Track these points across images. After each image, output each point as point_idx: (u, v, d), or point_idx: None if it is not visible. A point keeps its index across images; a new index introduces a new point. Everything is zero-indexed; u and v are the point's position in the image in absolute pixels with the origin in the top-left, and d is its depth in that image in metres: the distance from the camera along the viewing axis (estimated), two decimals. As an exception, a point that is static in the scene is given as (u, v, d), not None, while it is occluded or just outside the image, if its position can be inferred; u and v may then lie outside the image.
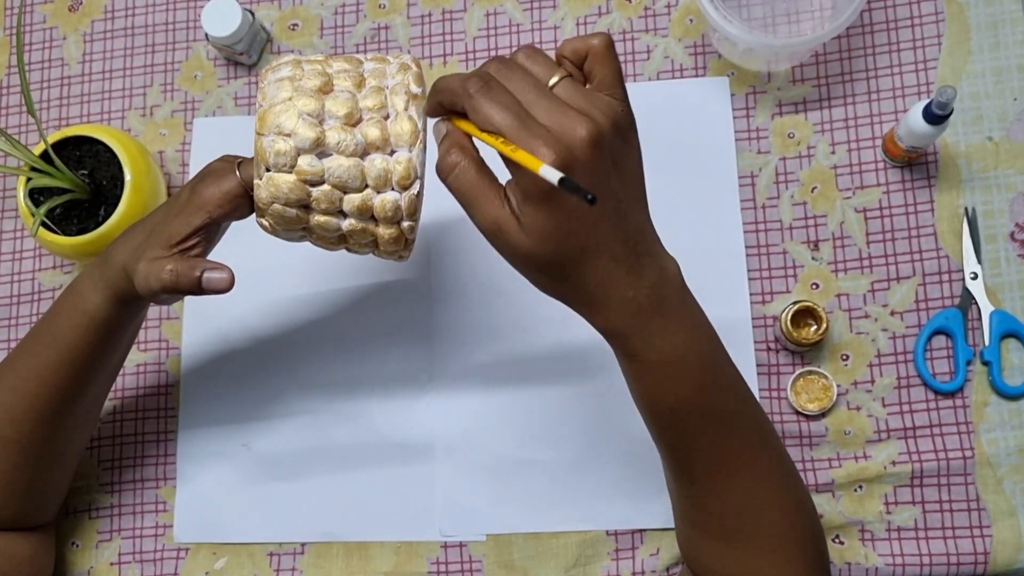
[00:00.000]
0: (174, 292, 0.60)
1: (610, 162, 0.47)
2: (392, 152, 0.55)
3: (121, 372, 0.81)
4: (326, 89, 0.56)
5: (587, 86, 0.50)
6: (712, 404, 0.53)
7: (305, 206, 0.56)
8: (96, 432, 0.81)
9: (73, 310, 0.65)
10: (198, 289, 0.59)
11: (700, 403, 0.52)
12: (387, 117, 0.56)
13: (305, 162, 0.54)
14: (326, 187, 0.55)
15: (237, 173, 0.60)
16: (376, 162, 0.55)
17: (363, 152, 0.55)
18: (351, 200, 0.56)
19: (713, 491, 0.55)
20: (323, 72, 0.56)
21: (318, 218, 0.57)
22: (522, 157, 0.44)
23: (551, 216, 0.46)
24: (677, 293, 0.52)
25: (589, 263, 0.48)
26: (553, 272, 0.49)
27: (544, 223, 0.47)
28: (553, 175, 0.42)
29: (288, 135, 0.54)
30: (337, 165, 0.55)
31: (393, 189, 0.56)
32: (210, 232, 0.61)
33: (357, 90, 0.56)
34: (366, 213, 0.56)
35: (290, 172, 0.55)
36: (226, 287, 0.60)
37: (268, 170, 0.55)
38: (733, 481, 0.54)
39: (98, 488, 0.80)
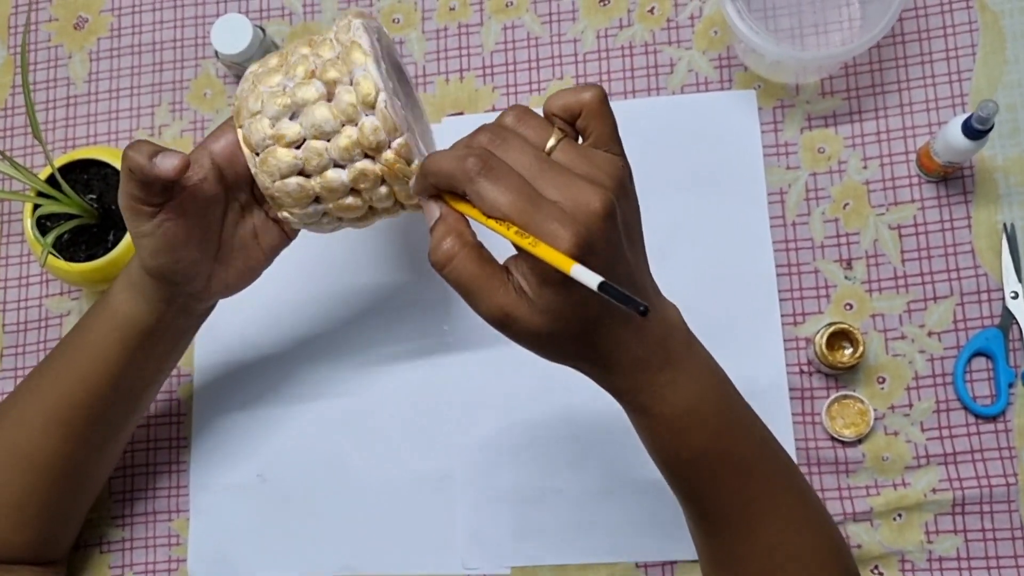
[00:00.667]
0: (131, 173, 0.54)
1: (621, 228, 0.45)
2: (351, 81, 0.56)
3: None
4: (283, 63, 0.58)
5: (580, 142, 0.47)
6: (729, 450, 0.50)
7: (301, 172, 0.57)
8: (106, 463, 0.79)
9: (101, 316, 0.62)
10: (149, 166, 0.53)
11: (717, 451, 0.50)
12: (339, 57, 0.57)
13: (282, 128, 0.56)
14: (309, 142, 0.56)
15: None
16: (341, 95, 0.56)
17: (328, 96, 0.56)
18: (336, 145, 0.56)
19: (739, 536, 0.52)
20: (280, 55, 0.59)
21: (319, 180, 0.57)
22: (545, 252, 0.41)
23: (570, 295, 0.44)
24: (683, 342, 0.50)
25: (601, 331, 0.46)
26: (565, 347, 0.47)
27: (562, 303, 0.44)
28: (591, 279, 0.40)
29: (258, 112, 0.57)
30: (308, 115, 0.56)
31: (366, 113, 0.55)
32: (213, 186, 0.58)
33: (311, 49, 0.58)
34: (355, 151, 0.56)
35: (273, 145, 0.56)
36: (174, 169, 0.53)
37: (258, 155, 0.57)
38: (759, 524, 0.52)
39: (109, 521, 0.78)
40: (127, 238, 0.73)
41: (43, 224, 0.74)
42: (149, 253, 0.57)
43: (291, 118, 0.56)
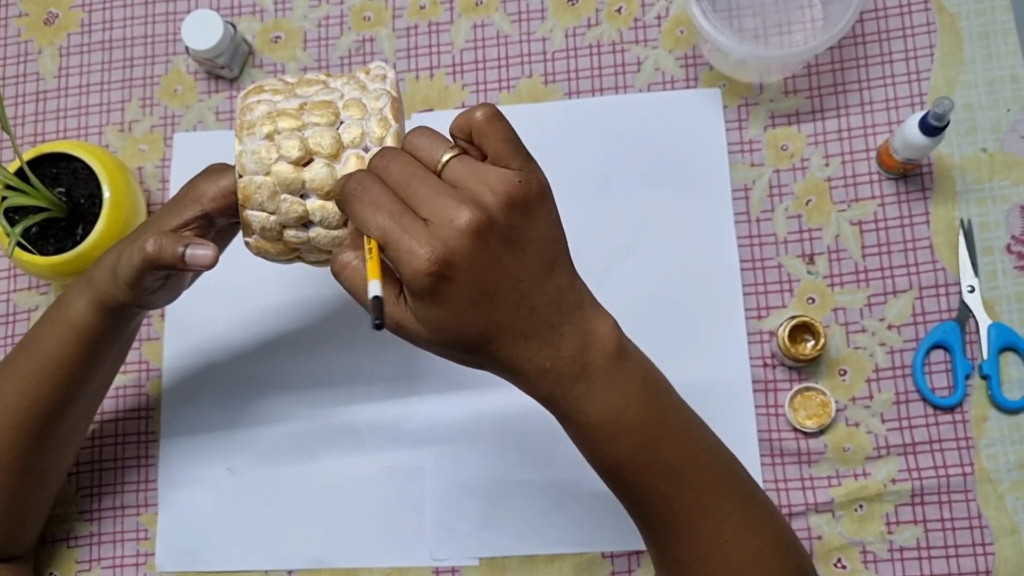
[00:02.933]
0: (156, 267, 0.57)
1: (501, 244, 0.45)
2: (367, 149, 0.55)
3: (100, 395, 0.79)
4: (300, 110, 0.56)
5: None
6: (657, 459, 0.51)
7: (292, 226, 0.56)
8: (74, 459, 0.78)
9: (57, 319, 0.63)
10: (180, 263, 0.57)
11: (643, 460, 0.50)
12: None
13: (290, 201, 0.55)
14: (313, 203, 0.56)
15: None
16: (350, 161, 0.55)
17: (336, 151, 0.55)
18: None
19: (677, 540, 0.53)
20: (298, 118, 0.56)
21: (312, 233, 0.57)
22: (371, 268, 0.45)
23: (441, 309, 0.45)
24: (605, 356, 0.49)
25: (495, 344, 0.47)
26: (461, 356, 0.48)
27: (436, 316, 0.46)
28: (375, 289, 0.44)
29: (267, 171, 0.55)
30: (317, 174, 0.55)
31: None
32: (202, 228, 0.59)
33: (329, 103, 0.56)
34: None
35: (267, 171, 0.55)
36: (210, 263, 0.57)
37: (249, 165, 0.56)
38: (697, 529, 0.52)
39: (76, 516, 0.78)
40: (96, 232, 0.73)
41: (11, 217, 0.74)
42: (142, 296, 0.60)
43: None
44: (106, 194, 0.73)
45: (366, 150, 0.55)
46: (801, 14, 0.79)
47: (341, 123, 0.55)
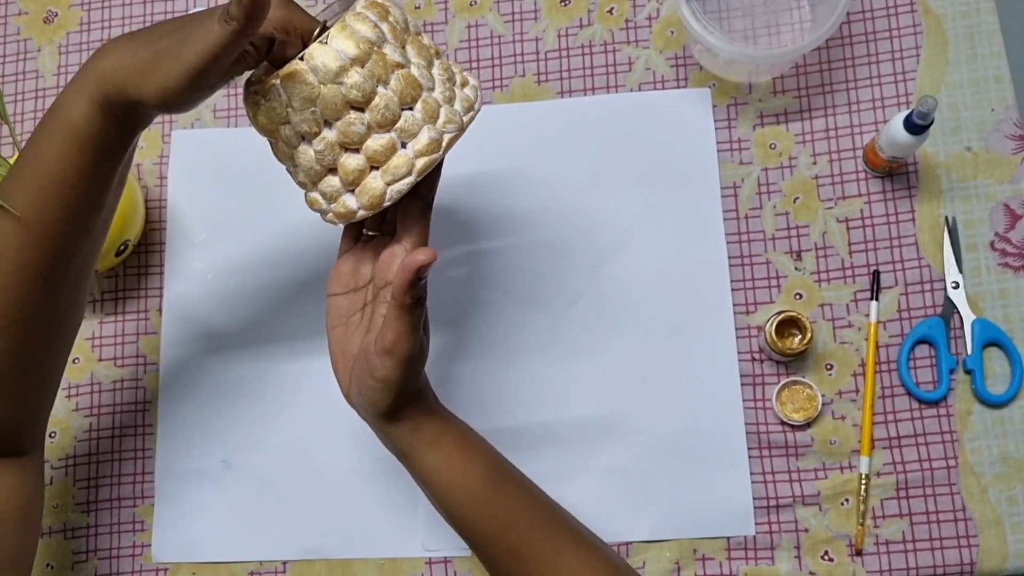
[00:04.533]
0: (232, 47, 0.50)
1: None
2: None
3: (97, 388, 0.80)
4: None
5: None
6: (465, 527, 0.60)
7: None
8: (71, 451, 0.79)
9: (56, 128, 0.54)
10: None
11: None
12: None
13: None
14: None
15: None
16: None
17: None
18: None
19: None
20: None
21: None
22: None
23: None
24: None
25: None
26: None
27: None
28: None
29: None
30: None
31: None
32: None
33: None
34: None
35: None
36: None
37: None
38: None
39: (73, 507, 0.78)
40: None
41: (10, 212, 0.75)
42: (195, 92, 0.52)
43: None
44: (104, 189, 0.74)
45: (403, 145, 0.55)
46: (789, 15, 0.81)
47: (408, 109, 0.55)
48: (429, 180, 0.59)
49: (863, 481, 0.73)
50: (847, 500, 0.73)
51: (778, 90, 0.80)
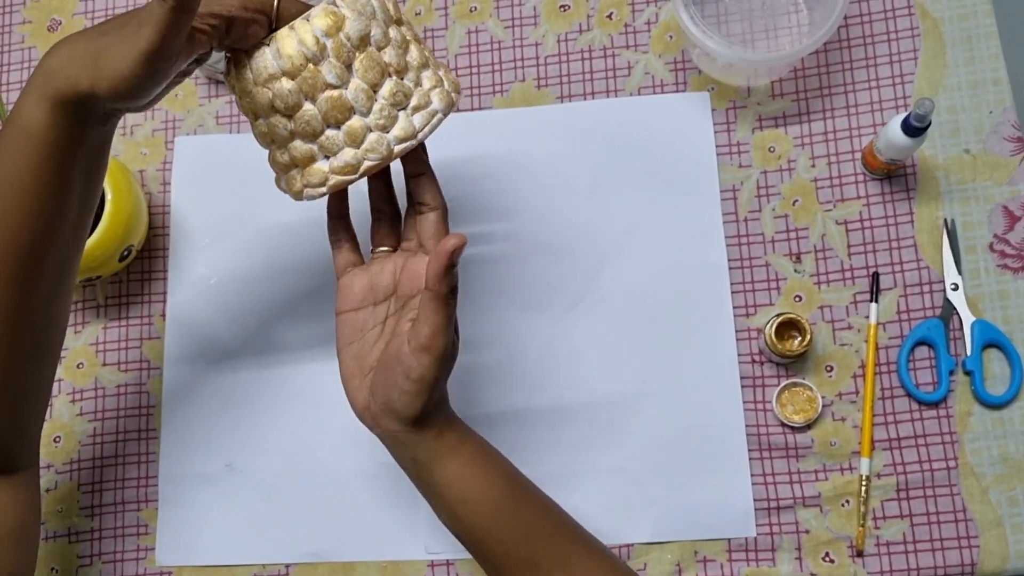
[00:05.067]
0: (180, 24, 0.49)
1: None
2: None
3: (101, 393, 0.80)
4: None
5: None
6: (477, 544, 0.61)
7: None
8: (76, 456, 0.80)
9: (11, 133, 0.53)
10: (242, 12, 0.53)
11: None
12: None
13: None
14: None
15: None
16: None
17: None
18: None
19: None
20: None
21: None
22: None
23: None
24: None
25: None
26: None
27: None
28: None
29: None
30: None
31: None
32: (214, 36, 0.54)
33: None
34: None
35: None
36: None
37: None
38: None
39: (78, 512, 0.79)
40: (97, 233, 0.74)
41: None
42: (145, 85, 0.51)
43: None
44: (108, 196, 0.75)
45: (325, 158, 0.57)
46: (787, 19, 0.81)
47: (334, 128, 0.56)
48: (433, 189, 0.60)
49: (863, 482, 0.73)
50: (847, 501, 0.74)
51: (776, 93, 0.81)
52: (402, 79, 0.57)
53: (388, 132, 0.57)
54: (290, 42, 0.54)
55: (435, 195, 0.60)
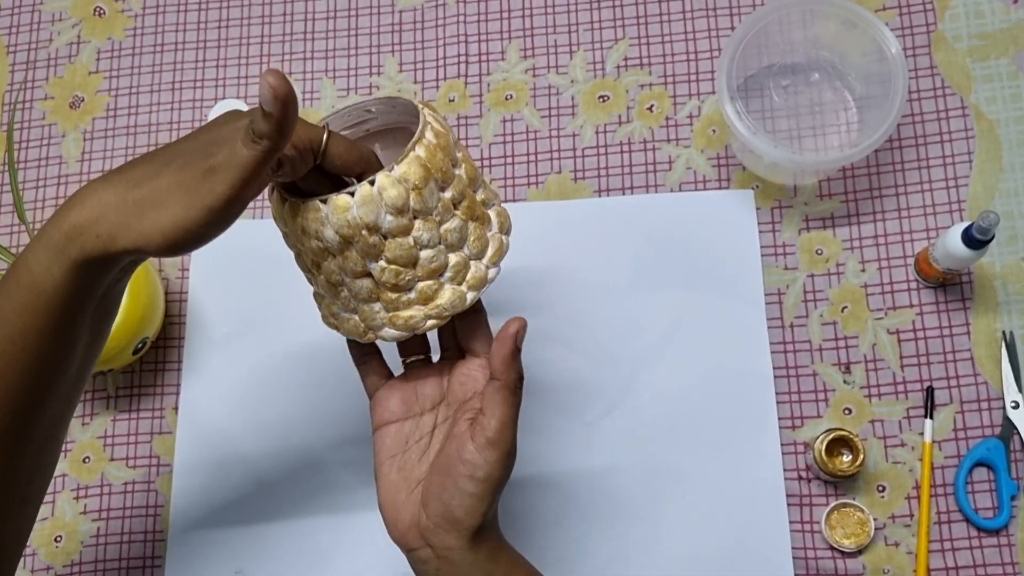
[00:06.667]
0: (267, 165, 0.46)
1: None
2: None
3: (107, 490, 0.76)
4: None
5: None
6: None
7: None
8: (78, 558, 0.75)
9: (18, 288, 0.48)
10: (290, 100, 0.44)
11: None
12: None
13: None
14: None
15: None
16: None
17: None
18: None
19: None
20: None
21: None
22: None
23: None
24: None
25: None
26: None
27: None
28: None
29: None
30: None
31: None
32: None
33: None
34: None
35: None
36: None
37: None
38: None
39: (77, 618, 0.74)
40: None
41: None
42: (207, 231, 0.47)
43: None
44: (125, 286, 0.71)
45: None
46: (836, 117, 0.78)
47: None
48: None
49: (919, 615, 0.68)
50: (901, 633, 0.69)
51: (824, 193, 0.77)
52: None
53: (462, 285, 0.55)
54: (369, 207, 0.50)
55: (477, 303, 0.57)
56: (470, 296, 0.54)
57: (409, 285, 0.53)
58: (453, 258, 0.53)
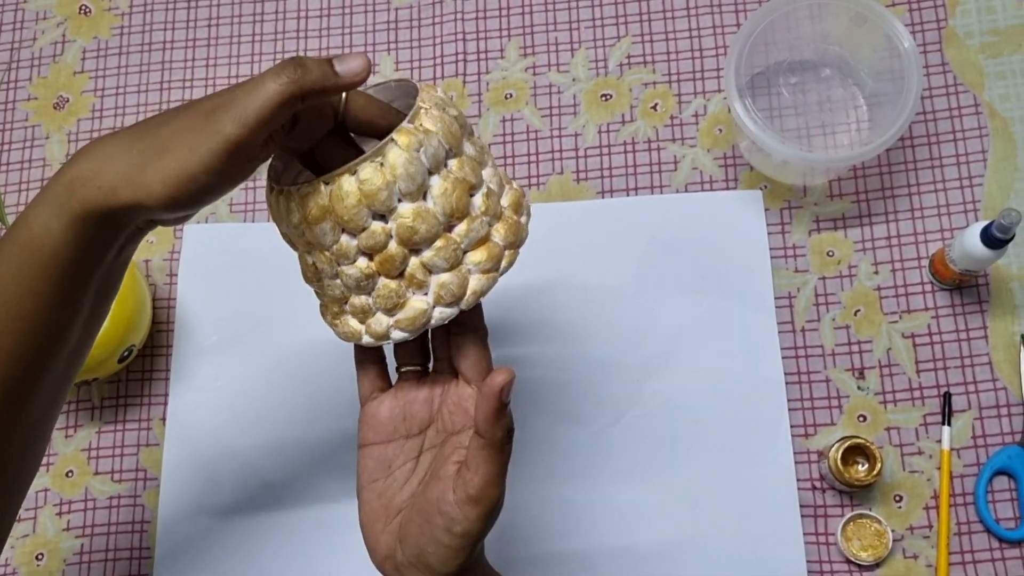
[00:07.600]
0: (294, 100, 0.43)
1: None
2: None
3: (91, 505, 0.73)
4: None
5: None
6: None
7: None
8: (60, 571, 0.72)
9: (15, 246, 0.45)
10: (332, 84, 0.44)
11: None
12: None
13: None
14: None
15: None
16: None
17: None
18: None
19: None
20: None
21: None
22: None
23: None
24: None
25: None
26: None
27: None
28: None
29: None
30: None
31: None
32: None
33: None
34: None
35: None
36: (365, 70, 0.45)
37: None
38: None
39: (59, 640, 0.71)
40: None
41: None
42: (212, 181, 0.44)
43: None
44: (110, 291, 0.69)
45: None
46: (846, 115, 0.76)
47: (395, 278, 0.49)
48: (477, 310, 0.52)
49: (940, 630, 0.65)
50: (920, 649, 0.66)
51: (835, 193, 0.75)
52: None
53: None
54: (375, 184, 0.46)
55: (476, 315, 0.53)
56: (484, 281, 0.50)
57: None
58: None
